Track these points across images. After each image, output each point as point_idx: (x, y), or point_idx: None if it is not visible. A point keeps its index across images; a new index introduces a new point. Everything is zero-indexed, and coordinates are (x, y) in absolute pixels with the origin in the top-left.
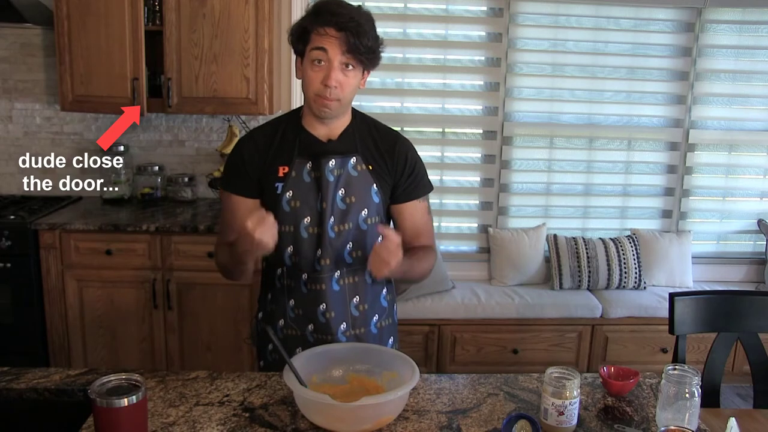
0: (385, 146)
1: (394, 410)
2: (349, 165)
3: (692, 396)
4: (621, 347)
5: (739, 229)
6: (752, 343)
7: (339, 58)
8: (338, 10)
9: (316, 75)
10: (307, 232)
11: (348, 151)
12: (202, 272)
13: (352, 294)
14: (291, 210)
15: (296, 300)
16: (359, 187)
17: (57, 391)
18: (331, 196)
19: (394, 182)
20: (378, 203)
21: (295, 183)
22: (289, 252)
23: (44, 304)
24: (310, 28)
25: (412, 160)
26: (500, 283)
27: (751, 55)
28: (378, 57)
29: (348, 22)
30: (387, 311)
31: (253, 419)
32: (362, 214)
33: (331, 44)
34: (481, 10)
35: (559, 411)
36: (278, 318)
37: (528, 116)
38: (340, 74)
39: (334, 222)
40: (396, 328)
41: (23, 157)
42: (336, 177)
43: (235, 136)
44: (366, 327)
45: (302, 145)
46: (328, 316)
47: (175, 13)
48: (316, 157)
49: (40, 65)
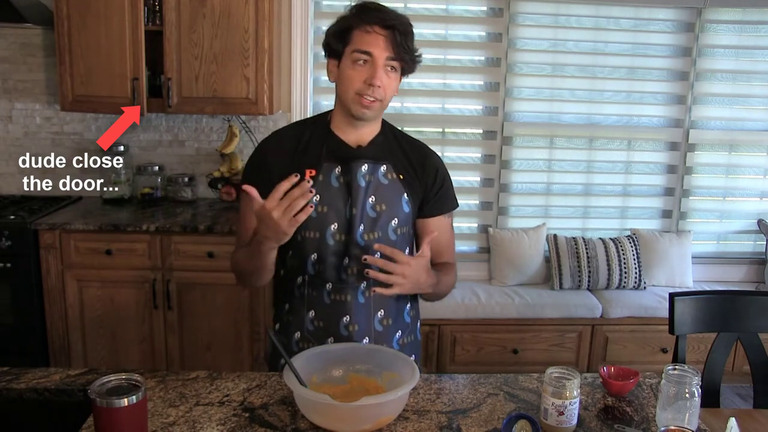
0: (416, 158)
1: (394, 410)
2: (380, 172)
3: (692, 396)
4: (621, 347)
5: (739, 229)
6: (752, 343)
7: (384, 57)
8: (384, 8)
9: (359, 74)
10: (334, 239)
11: (379, 157)
12: (202, 272)
13: (378, 307)
14: (318, 215)
15: (317, 311)
16: (390, 196)
17: (57, 391)
18: (362, 203)
19: (423, 195)
20: (408, 213)
21: (323, 187)
22: (312, 259)
23: (44, 304)
24: (354, 25)
25: (442, 174)
26: (500, 283)
27: (751, 55)
28: (417, 64)
29: (394, 20)
30: (410, 327)
31: (253, 419)
32: (392, 224)
33: (377, 42)
34: (481, 10)
35: (559, 411)
36: (295, 330)
37: (528, 116)
38: (384, 75)
39: (364, 230)
40: (419, 346)
41: (23, 157)
42: (367, 183)
43: (235, 136)
44: (388, 343)
45: (330, 149)
46: (351, 329)
47: (175, 13)
48: (346, 162)
49: (40, 65)
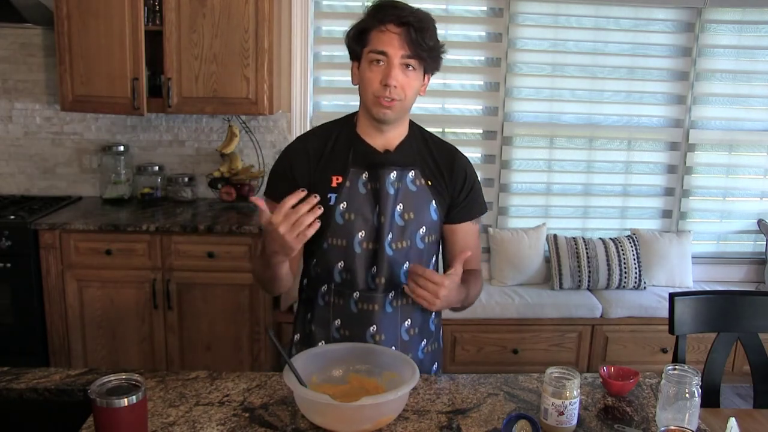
0: (444, 161)
1: (394, 410)
2: (408, 179)
3: (692, 396)
4: (621, 347)
5: (739, 229)
6: (752, 343)
7: (400, 55)
8: (400, 5)
9: (375, 75)
10: (361, 247)
11: (407, 163)
12: (202, 272)
13: (405, 317)
14: (344, 223)
15: (343, 320)
16: (418, 203)
17: (57, 391)
18: (390, 211)
19: (451, 200)
20: (436, 221)
21: (350, 194)
22: (339, 267)
23: (44, 304)
24: (370, 26)
25: (471, 177)
26: (500, 283)
27: (751, 55)
28: (439, 60)
29: (409, 16)
30: (434, 335)
31: (253, 419)
32: (420, 232)
33: (392, 41)
34: (481, 10)
35: (559, 411)
36: (320, 339)
37: (528, 116)
38: (401, 74)
39: (393, 239)
40: (441, 353)
41: (23, 157)
42: (396, 190)
43: (235, 136)
44: (414, 352)
45: (357, 155)
46: (378, 339)
47: (175, 13)
48: (374, 168)
49: (40, 65)
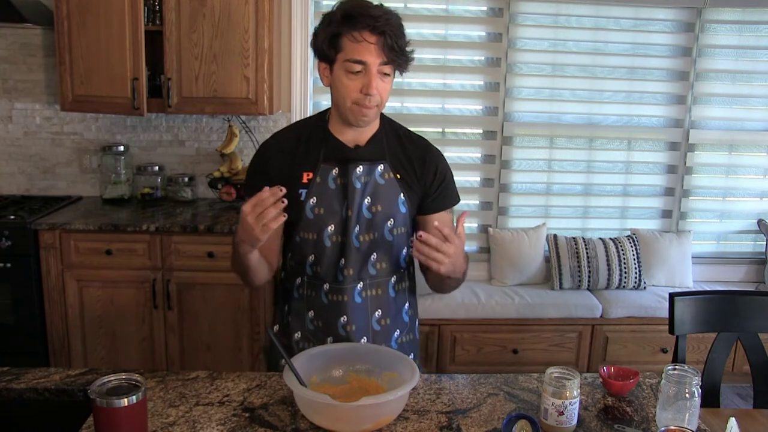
0: (415, 155)
1: (394, 410)
2: (377, 172)
3: (692, 396)
4: (621, 347)
5: (739, 229)
6: (752, 343)
7: (377, 63)
8: (372, 12)
9: (354, 84)
10: (330, 240)
11: (376, 157)
12: (202, 272)
13: (375, 307)
14: (314, 217)
15: (316, 311)
16: (386, 196)
17: (57, 391)
18: (357, 204)
19: (423, 192)
20: (405, 213)
21: (320, 189)
22: (310, 260)
23: (44, 304)
24: (343, 32)
25: (442, 170)
26: (500, 283)
27: (751, 55)
28: (411, 59)
29: (384, 25)
30: (408, 326)
31: (253, 419)
32: (388, 224)
33: (369, 50)
34: (481, 10)
35: (559, 411)
36: (295, 330)
37: (528, 116)
38: (380, 81)
39: (359, 231)
40: (417, 345)
41: (23, 157)
42: (363, 184)
43: (235, 136)
44: (387, 342)
45: (328, 151)
46: (349, 329)
47: (175, 13)
48: (343, 163)
49: (40, 65)
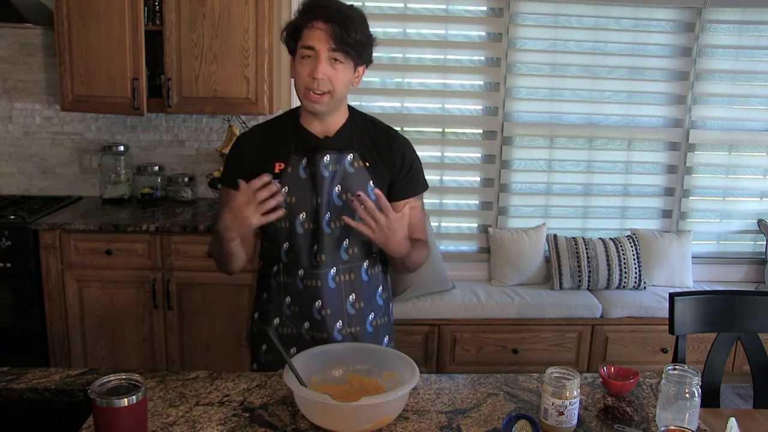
0: (383, 143)
1: (394, 410)
2: (346, 161)
3: (692, 396)
4: (621, 347)
5: (739, 229)
6: (752, 343)
7: (326, 49)
8: (326, 3)
9: (304, 68)
10: (303, 227)
11: (345, 147)
12: (202, 272)
13: (348, 291)
14: (287, 206)
15: (292, 297)
16: (356, 184)
17: (57, 391)
18: (327, 192)
19: (391, 180)
20: (374, 200)
21: (291, 179)
22: (285, 248)
23: (44, 304)
24: (301, 24)
25: (409, 158)
26: (500, 283)
27: (751, 55)
28: (368, 53)
29: (335, 14)
30: (383, 309)
31: (253, 419)
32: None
33: (318, 36)
34: (481, 10)
35: (559, 411)
36: (274, 316)
37: (528, 116)
38: (328, 67)
39: (330, 218)
40: (392, 327)
41: (23, 157)
42: (331, 173)
43: (235, 136)
44: (362, 325)
45: (298, 142)
46: (324, 313)
47: (175, 13)
48: (312, 153)
49: (40, 65)
